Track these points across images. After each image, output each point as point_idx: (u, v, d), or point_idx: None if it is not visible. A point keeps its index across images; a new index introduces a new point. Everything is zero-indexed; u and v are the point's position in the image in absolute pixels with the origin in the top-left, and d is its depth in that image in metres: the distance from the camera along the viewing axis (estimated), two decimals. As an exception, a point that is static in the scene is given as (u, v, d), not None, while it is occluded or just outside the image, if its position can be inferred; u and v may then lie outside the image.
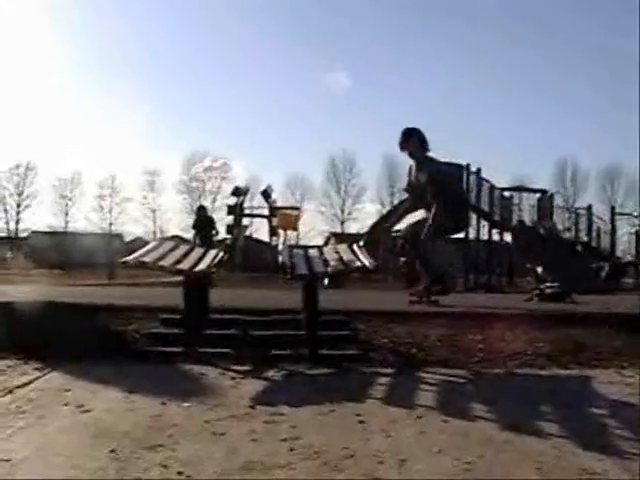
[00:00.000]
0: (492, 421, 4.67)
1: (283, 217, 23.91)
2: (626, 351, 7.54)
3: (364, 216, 71.75)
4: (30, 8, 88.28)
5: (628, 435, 4.33)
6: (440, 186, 10.94)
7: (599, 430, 4.51)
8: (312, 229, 66.91)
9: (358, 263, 7.24)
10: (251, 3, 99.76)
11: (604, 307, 10.40)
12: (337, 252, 7.80)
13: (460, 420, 4.70)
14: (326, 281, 12.96)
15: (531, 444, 4.07)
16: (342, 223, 74.92)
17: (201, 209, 24.82)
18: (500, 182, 30.33)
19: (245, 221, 16.45)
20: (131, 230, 71.50)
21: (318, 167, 77.00)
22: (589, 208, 32.55)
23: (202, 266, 7.32)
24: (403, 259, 27.14)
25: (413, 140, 10.96)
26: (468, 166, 26.54)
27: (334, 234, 54.55)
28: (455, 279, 19.94)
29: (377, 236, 27.06)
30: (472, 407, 5.10)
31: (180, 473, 3.61)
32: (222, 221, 18.48)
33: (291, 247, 8.39)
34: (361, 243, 21.18)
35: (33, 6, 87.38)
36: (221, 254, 7.87)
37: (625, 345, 7.80)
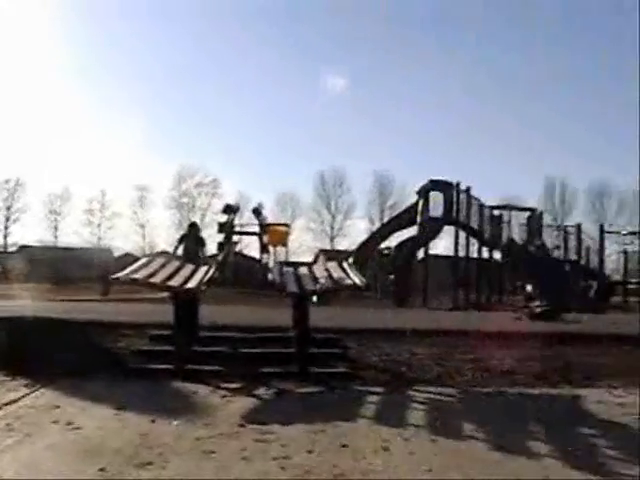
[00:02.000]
0: (482, 440, 4.67)
1: (274, 233, 23.87)
2: (616, 371, 7.55)
3: (354, 232, 71.66)
4: (19, 19, 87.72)
5: (617, 455, 4.33)
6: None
7: (588, 450, 4.51)
8: (302, 245, 66.75)
9: (349, 281, 7.24)
10: (240, 22, 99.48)
11: (593, 326, 10.43)
12: (327, 270, 7.79)
13: (450, 439, 4.69)
14: (315, 298, 12.97)
15: (520, 464, 4.07)
16: (332, 239, 74.70)
17: (193, 226, 24.63)
18: (490, 201, 30.39)
19: (235, 238, 16.42)
20: (120, 245, 71.22)
21: (308, 184, 76.85)
22: (578, 226, 32.49)
23: (192, 284, 7.29)
24: (392, 277, 27.21)
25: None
26: (458, 184, 26.51)
27: (323, 250, 54.44)
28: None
29: (367, 253, 27.13)
30: (461, 426, 5.10)
31: (169, 492, 3.60)
32: (211, 238, 18.44)
33: (281, 265, 8.39)
34: (350, 260, 21.22)
35: (22, 17, 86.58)
36: (212, 271, 7.85)
37: (614, 365, 7.81)
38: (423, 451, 4.40)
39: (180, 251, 20.47)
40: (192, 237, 22.75)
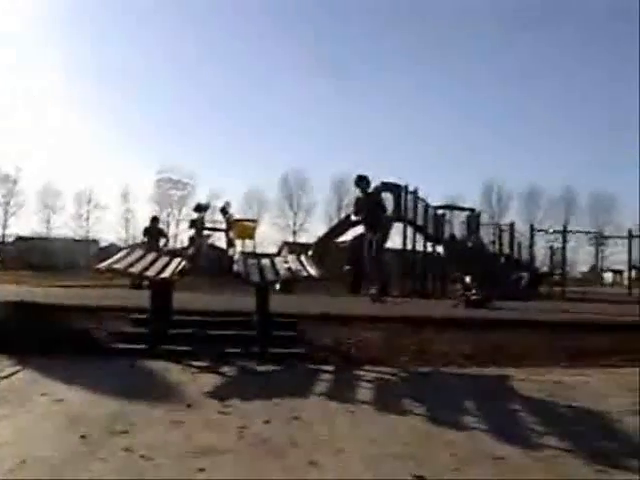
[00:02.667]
0: (419, 415, 4.76)
1: (242, 228, 23.93)
2: (538, 353, 7.68)
3: (314, 228, 72.04)
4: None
5: (535, 427, 4.44)
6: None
7: (511, 423, 4.62)
8: (268, 238, 67.01)
9: (305, 272, 7.32)
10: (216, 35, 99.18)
11: (522, 313, 10.57)
12: (287, 262, 7.87)
13: (391, 414, 4.79)
14: (277, 286, 13.03)
15: (450, 435, 4.16)
16: (294, 233, 75.04)
17: (154, 220, 24.56)
18: (435, 201, 30.75)
19: (205, 232, 16.52)
20: (105, 237, 71.08)
21: (274, 183, 77.65)
22: (511, 225, 32.95)
23: (166, 274, 7.36)
24: (347, 267, 27.36)
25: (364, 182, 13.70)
26: (406, 186, 26.77)
27: (287, 243, 54.63)
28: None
29: (325, 246, 27.17)
30: (401, 402, 5.19)
31: (142, 456, 3.67)
32: (187, 232, 18.54)
33: (246, 257, 8.44)
34: (310, 252, 21.24)
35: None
36: (184, 263, 7.92)
37: (538, 347, 7.95)
38: (366, 423, 4.49)
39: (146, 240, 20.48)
40: (154, 229, 22.81)
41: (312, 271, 7.31)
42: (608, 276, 68.94)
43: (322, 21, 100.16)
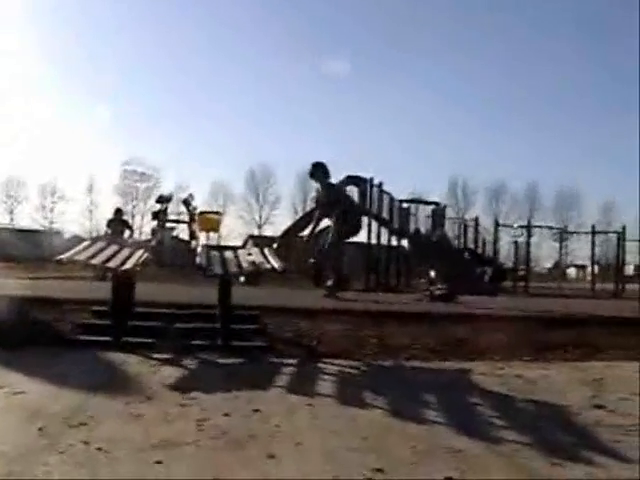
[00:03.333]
0: (379, 408, 4.77)
1: (206, 220, 23.85)
2: (501, 346, 7.73)
3: (279, 221, 72.16)
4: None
5: (495, 421, 4.46)
6: (335, 205, 12.71)
7: (471, 416, 4.64)
8: (233, 231, 67.00)
9: (268, 265, 7.32)
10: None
11: (485, 308, 10.64)
12: (250, 254, 7.86)
13: (351, 407, 4.79)
14: (242, 279, 13.01)
15: (410, 428, 4.17)
16: (259, 227, 75.13)
17: (117, 212, 24.48)
18: (401, 195, 30.77)
19: (169, 224, 16.50)
20: (70, 228, 70.72)
21: (240, 176, 77.81)
22: (476, 220, 33.24)
23: (128, 265, 7.31)
24: (312, 260, 27.38)
25: (320, 170, 12.90)
26: (371, 179, 26.81)
27: (252, 236, 54.57)
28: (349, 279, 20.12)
29: (289, 239, 27.17)
30: (363, 395, 5.19)
31: (99, 449, 3.64)
32: (150, 224, 18.48)
33: (209, 249, 8.40)
34: (275, 246, 21.23)
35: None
36: (146, 254, 7.88)
37: (500, 341, 8.00)
38: (326, 416, 4.49)
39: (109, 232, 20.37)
40: (117, 221, 22.71)
41: (275, 264, 7.31)
42: (572, 271, 69.66)
43: (296, 21, 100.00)
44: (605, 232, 44.13)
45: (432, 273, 24.85)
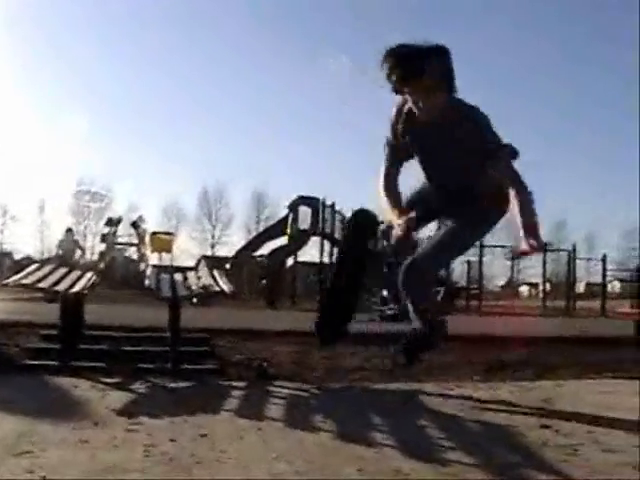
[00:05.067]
0: (327, 431, 4.77)
1: (158, 240, 23.85)
2: (450, 366, 7.79)
3: (232, 240, 72.09)
4: None
5: (443, 443, 4.48)
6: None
7: (419, 438, 4.66)
8: (186, 252, 66.73)
9: (217, 288, 7.31)
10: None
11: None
12: (199, 277, 7.86)
13: (298, 430, 4.79)
14: (195, 299, 13.00)
15: (358, 451, 4.18)
16: (213, 247, 74.94)
17: (68, 232, 24.33)
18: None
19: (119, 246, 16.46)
20: (21, 249, 70.07)
21: (193, 196, 77.51)
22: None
23: (77, 288, 7.27)
24: (264, 281, 27.42)
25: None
26: (324, 200, 27.01)
27: (205, 256, 54.57)
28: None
29: (243, 260, 27.17)
30: (311, 418, 5.20)
31: (44, 478, 3.60)
32: (99, 246, 18.42)
33: (158, 271, 8.39)
34: (228, 266, 21.22)
35: None
36: (95, 277, 7.85)
37: (451, 361, 8.06)
38: (274, 440, 4.48)
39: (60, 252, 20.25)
40: (69, 241, 22.57)
41: (224, 287, 7.30)
42: (524, 289, 70.24)
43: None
44: (556, 250, 44.64)
45: (384, 292, 24.98)
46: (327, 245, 27.52)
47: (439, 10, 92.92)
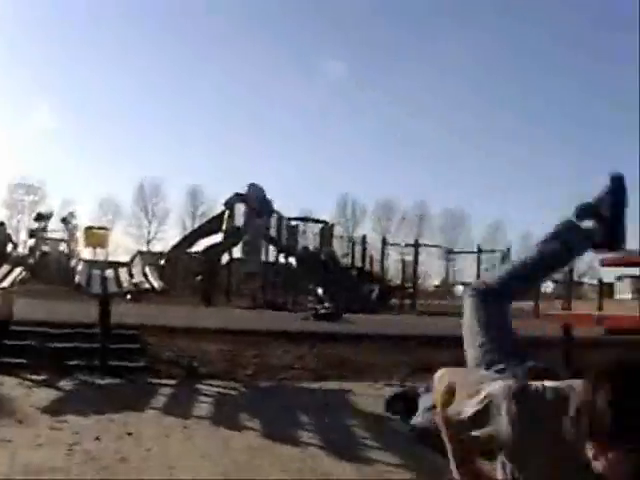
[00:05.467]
0: (254, 430, 4.76)
1: (92, 236, 23.58)
2: (381, 366, 7.81)
3: (168, 236, 71.51)
4: None
5: (368, 442, 4.49)
6: None
7: (345, 437, 4.66)
8: (121, 247, 66.02)
9: (147, 285, 7.25)
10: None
11: (369, 327, 10.71)
12: (131, 275, 7.78)
13: (226, 429, 4.77)
14: (129, 295, 12.87)
15: (283, 450, 4.17)
16: (148, 242, 74.25)
17: (0, 225, 23.79)
18: (289, 213, 30.91)
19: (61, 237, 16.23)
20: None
21: (129, 191, 76.47)
22: (364, 238, 33.63)
23: (5, 283, 7.16)
24: (199, 278, 27.23)
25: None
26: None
27: (140, 252, 54.01)
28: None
29: (178, 256, 26.92)
30: (239, 417, 5.17)
31: (-37, 477, 3.54)
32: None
33: (90, 267, 8.28)
34: (162, 262, 21.00)
35: None
36: (24, 273, 7.72)
37: (381, 360, 8.08)
38: (200, 439, 4.46)
39: None
40: (1, 234, 22.15)
41: (155, 284, 7.24)
42: (459, 289, 70.74)
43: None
44: (490, 251, 45.02)
45: (319, 291, 25.01)
46: (263, 242, 27.51)
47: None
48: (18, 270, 7.92)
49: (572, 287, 38.88)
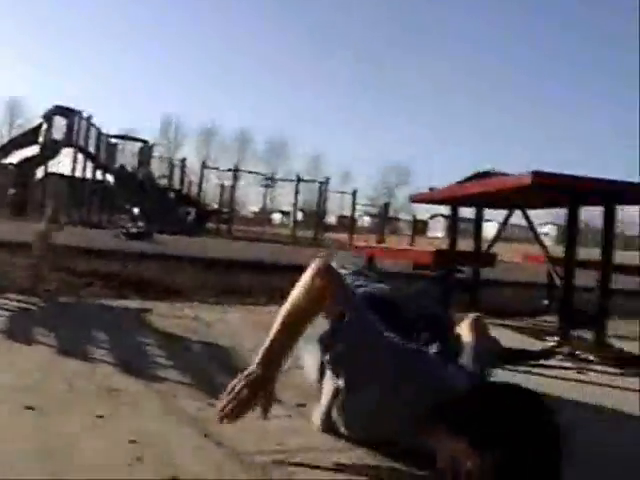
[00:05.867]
0: (48, 345, 4.69)
1: None
2: (188, 288, 7.85)
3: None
4: None
5: (162, 361, 4.50)
6: None
7: (139, 356, 4.65)
8: None
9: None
10: None
11: (181, 248, 10.72)
12: None
13: (18, 344, 4.68)
14: None
15: (73, 366, 4.13)
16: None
17: None
18: (110, 130, 30.35)
19: None
20: None
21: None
22: (183, 161, 33.48)
23: None
24: (13, 191, 26.50)
25: None
26: (80, 112, 26.21)
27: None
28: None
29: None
30: (33, 332, 5.08)
31: None
32: None
33: None
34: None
35: None
36: None
37: (189, 282, 8.13)
38: (-7, 355, 4.36)
39: None
40: None
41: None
42: (277, 217, 71.58)
43: None
44: (309, 181, 45.63)
45: (135, 211, 24.81)
46: (81, 158, 26.85)
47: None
48: None
49: (386, 222, 40.01)
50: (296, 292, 2.65)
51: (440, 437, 2.25)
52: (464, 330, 3.19)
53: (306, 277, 2.63)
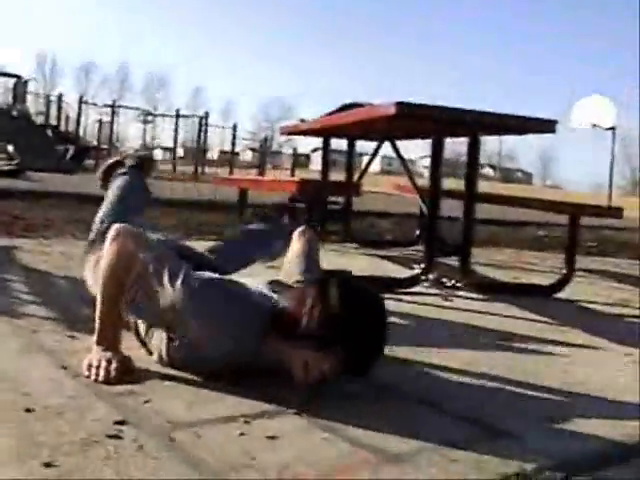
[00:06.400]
0: None
1: None
2: (56, 225, 7.70)
3: None
4: None
5: (26, 298, 4.40)
6: None
7: (3, 294, 4.54)
8: None
9: None
10: None
11: (54, 185, 10.51)
12: None
13: None
14: None
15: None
16: None
17: None
18: None
19: None
20: None
21: None
22: (60, 96, 32.60)
23: None
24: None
25: None
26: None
27: None
28: None
29: None
30: None
31: None
32: None
33: None
34: None
35: None
36: None
37: (56, 219, 7.97)
38: None
39: None
40: None
41: None
42: (158, 153, 70.63)
43: None
44: (188, 116, 45.10)
45: (10, 148, 24.10)
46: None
47: None
48: None
49: (268, 157, 39.93)
50: (105, 263, 2.64)
51: (284, 348, 2.39)
52: (294, 240, 3.40)
53: (111, 246, 2.63)
